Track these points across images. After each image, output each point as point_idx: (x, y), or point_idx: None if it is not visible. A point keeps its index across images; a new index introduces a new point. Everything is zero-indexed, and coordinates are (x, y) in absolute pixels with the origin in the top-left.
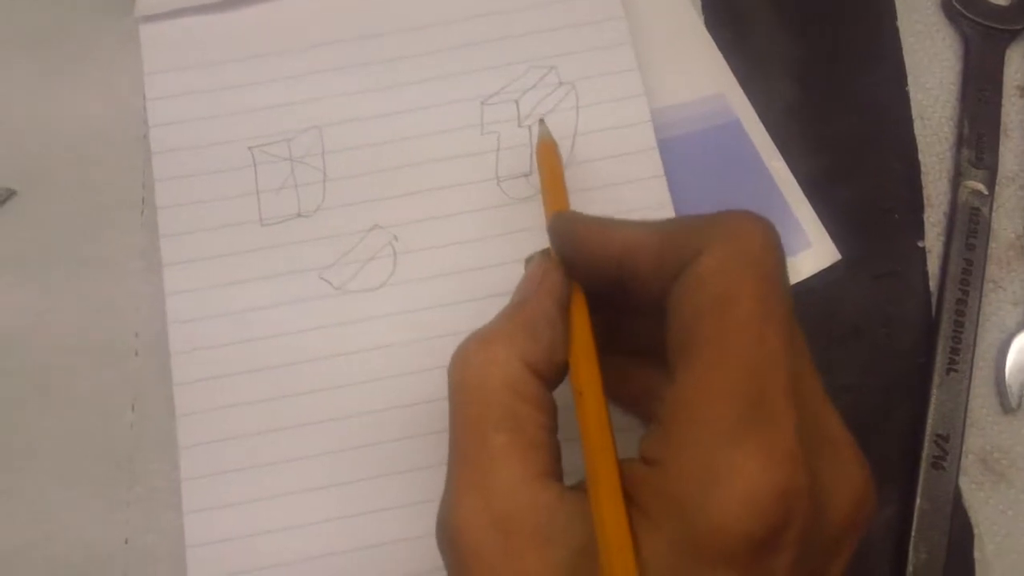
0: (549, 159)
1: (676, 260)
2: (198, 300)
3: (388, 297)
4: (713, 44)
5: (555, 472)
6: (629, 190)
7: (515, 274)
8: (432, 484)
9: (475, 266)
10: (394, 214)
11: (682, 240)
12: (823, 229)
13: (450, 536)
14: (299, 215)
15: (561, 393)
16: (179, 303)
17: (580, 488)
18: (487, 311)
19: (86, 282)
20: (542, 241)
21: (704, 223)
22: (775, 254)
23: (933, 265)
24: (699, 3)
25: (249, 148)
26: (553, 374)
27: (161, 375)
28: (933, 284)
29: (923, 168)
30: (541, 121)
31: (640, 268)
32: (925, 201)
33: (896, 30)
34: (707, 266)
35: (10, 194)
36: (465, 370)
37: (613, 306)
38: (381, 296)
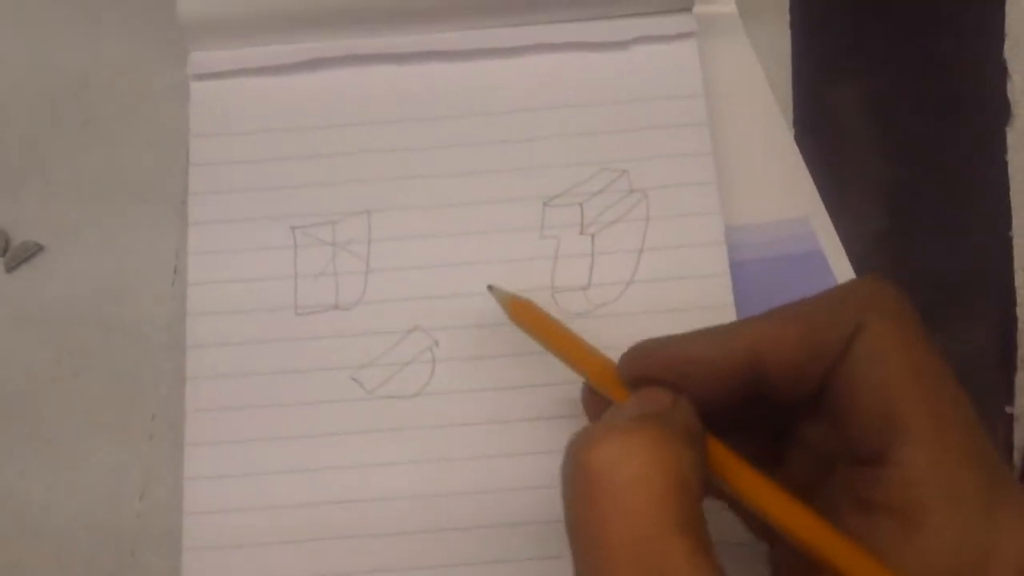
0: (539, 317)
1: (829, 341)
2: (220, 388)
3: (422, 407)
4: (801, 161)
5: None
6: (692, 317)
7: (563, 395)
8: None
9: (520, 384)
10: (438, 316)
11: (828, 320)
12: None
13: None
14: (336, 307)
15: None
16: (199, 389)
17: None
18: (529, 435)
19: (106, 352)
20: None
21: (843, 296)
22: (916, 313)
23: (1020, 436)
24: (790, 115)
25: (292, 228)
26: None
27: (173, 464)
28: (1018, 457)
29: (1020, 324)
30: (490, 288)
31: (783, 361)
32: (1019, 362)
33: (1005, 164)
34: (881, 339)
35: (38, 249)
36: (609, 458)
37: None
38: (415, 405)
